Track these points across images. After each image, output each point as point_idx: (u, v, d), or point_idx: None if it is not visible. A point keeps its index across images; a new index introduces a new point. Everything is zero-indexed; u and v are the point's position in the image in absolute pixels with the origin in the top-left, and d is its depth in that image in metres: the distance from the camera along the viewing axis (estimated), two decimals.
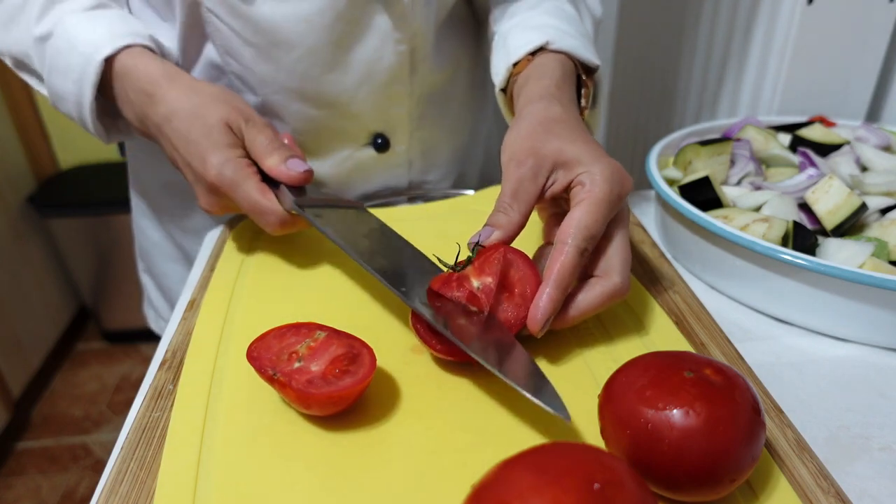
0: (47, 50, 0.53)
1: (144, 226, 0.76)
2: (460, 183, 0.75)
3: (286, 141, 0.57)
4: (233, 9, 0.54)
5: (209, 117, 0.50)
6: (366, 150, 0.65)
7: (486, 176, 0.81)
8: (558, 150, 0.42)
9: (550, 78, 0.50)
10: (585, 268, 0.42)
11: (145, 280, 0.81)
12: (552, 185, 0.43)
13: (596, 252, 0.42)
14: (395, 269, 0.45)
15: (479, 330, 0.40)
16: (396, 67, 0.60)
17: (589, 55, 0.54)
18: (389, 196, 0.68)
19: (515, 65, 0.54)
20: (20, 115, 1.87)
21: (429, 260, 0.47)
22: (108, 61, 0.51)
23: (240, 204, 0.50)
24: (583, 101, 0.54)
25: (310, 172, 0.51)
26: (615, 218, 0.42)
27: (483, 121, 0.77)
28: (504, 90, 0.56)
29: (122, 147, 0.76)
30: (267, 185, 0.50)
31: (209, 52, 0.59)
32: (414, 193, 0.69)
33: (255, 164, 0.51)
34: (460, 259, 0.43)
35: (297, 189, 0.51)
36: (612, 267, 0.42)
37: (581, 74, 0.54)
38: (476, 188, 0.70)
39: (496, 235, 0.41)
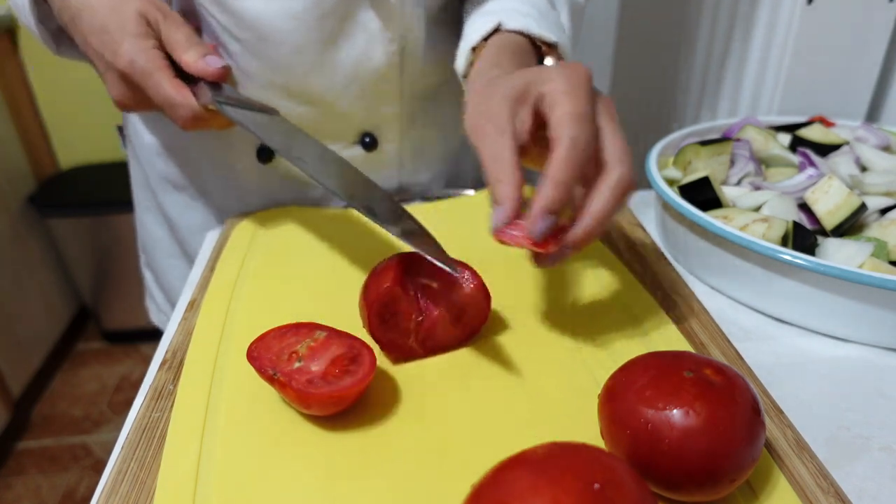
0: None
1: (146, 220, 0.76)
2: (454, 183, 0.75)
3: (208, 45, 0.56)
4: (220, 2, 0.54)
5: (125, 10, 0.50)
6: (354, 148, 0.65)
7: (482, 178, 0.80)
8: (503, 95, 0.40)
9: (495, 54, 0.49)
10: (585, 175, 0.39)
11: (146, 274, 0.82)
12: (521, 125, 0.40)
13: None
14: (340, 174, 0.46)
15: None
16: (385, 67, 0.60)
17: (543, 31, 0.51)
18: None
19: (474, 50, 0.53)
20: (20, 115, 1.87)
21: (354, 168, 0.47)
22: None
23: (151, 95, 0.50)
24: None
25: (227, 69, 0.51)
26: (598, 110, 0.39)
27: None
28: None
29: (124, 140, 0.77)
30: (181, 81, 0.50)
31: None
32: (410, 195, 0.69)
33: (169, 59, 0.51)
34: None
35: (214, 86, 0.51)
36: (610, 158, 0.38)
37: (542, 49, 0.52)
38: (474, 188, 0.70)
39: (506, 208, 0.37)
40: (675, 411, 0.30)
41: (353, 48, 0.58)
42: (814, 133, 0.67)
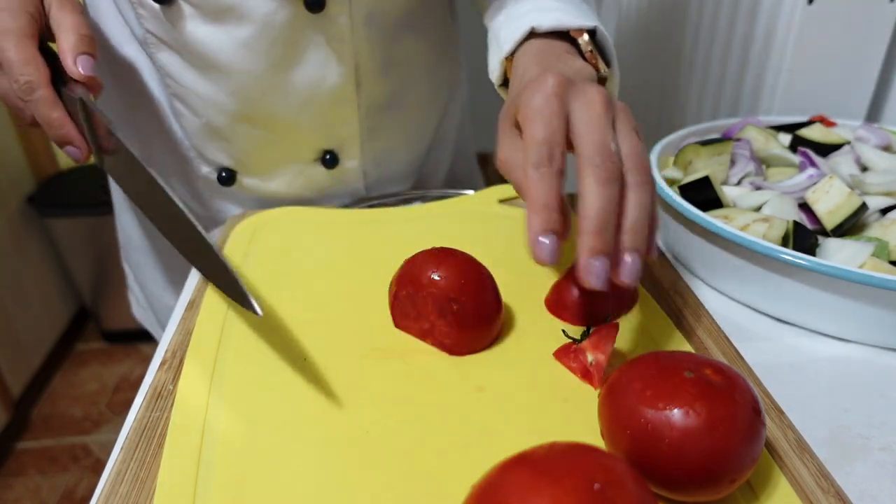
0: None
1: (123, 220, 0.77)
2: (422, 185, 0.75)
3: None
4: (168, 32, 0.55)
5: None
6: (315, 166, 0.65)
7: (455, 176, 0.80)
8: (505, 114, 0.42)
9: (528, 59, 0.48)
10: None
11: (126, 269, 0.83)
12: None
13: None
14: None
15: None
16: (340, 87, 0.59)
17: (576, 21, 0.49)
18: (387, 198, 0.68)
19: (508, 58, 0.52)
20: None
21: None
22: None
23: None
24: (591, 61, 0.50)
25: (96, 81, 0.48)
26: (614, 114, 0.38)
27: (451, 119, 0.76)
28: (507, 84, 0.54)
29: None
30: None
31: None
32: (409, 197, 0.69)
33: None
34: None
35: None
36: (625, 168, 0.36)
37: (577, 38, 0.50)
38: (442, 187, 0.70)
39: (553, 242, 0.36)
40: (675, 411, 0.30)
41: (306, 72, 0.58)
42: (814, 133, 0.67)
